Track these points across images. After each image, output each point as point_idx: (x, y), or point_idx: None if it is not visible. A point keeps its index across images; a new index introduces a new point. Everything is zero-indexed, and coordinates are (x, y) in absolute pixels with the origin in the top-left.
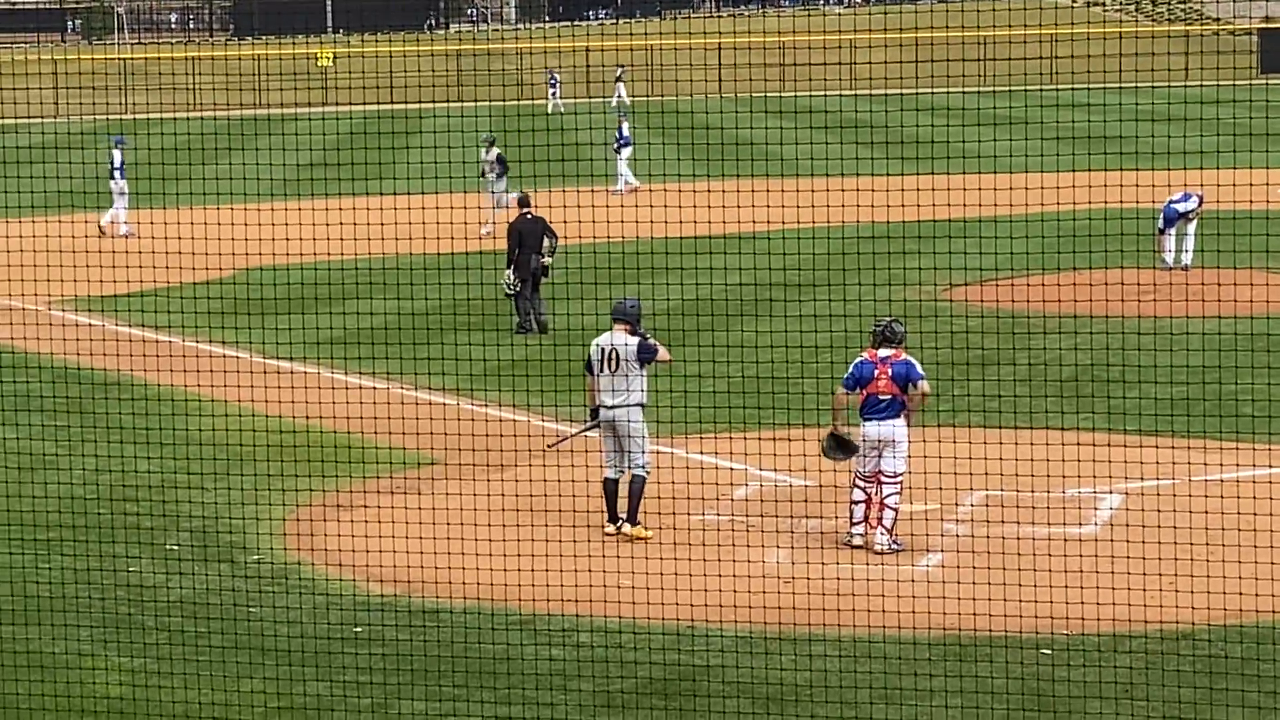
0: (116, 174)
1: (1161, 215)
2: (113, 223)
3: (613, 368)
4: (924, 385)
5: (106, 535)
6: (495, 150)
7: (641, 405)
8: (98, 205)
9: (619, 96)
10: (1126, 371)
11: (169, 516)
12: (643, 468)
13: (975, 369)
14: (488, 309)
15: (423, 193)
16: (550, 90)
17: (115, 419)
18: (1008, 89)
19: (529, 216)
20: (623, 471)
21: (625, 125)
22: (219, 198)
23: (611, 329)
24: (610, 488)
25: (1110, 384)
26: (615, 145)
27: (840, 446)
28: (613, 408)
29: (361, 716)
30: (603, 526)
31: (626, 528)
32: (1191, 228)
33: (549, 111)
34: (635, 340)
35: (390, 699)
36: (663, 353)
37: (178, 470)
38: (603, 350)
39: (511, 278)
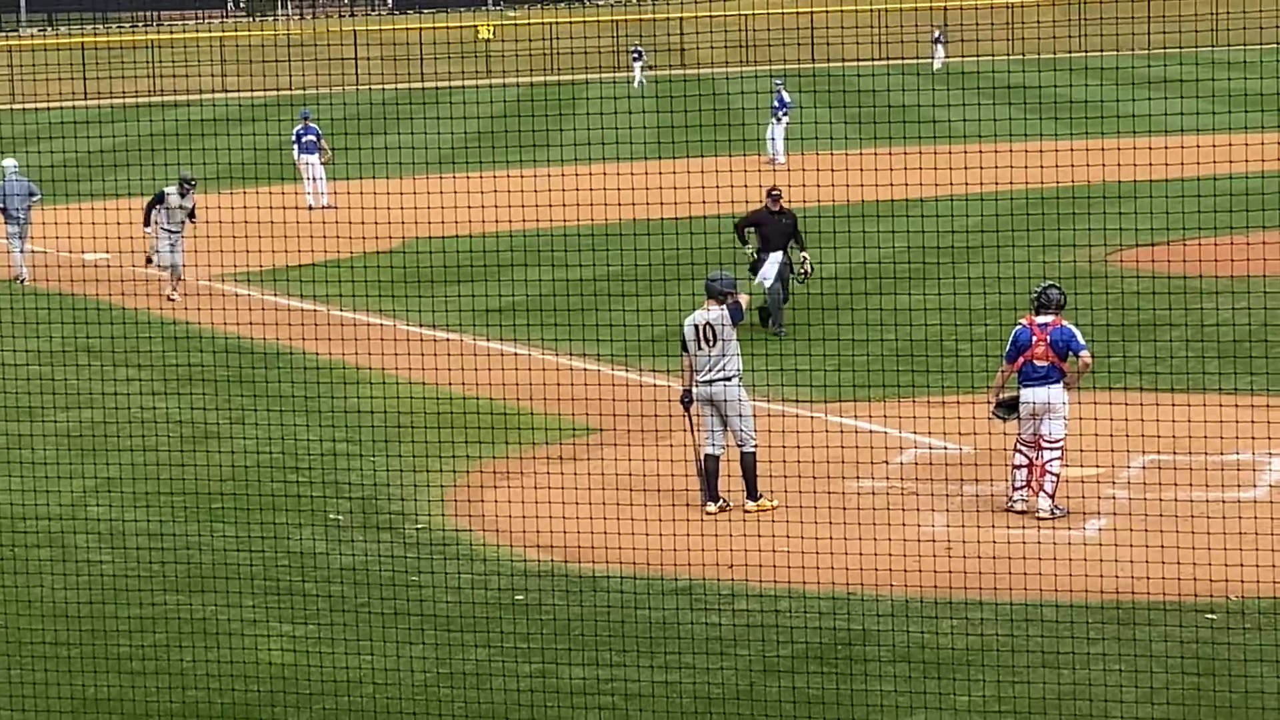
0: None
1: None
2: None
3: (710, 343)
4: (1085, 356)
5: (270, 505)
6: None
7: (740, 378)
8: (269, 179)
9: (939, 58)
10: None
11: (332, 486)
12: (750, 442)
13: (1140, 332)
14: (652, 275)
15: (590, 160)
16: (635, 64)
17: (279, 390)
18: (1178, 49)
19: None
20: (724, 448)
21: (785, 92)
22: (386, 168)
23: (705, 306)
24: (712, 465)
25: (1277, 345)
26: (775, 113)
27: (1009, 408)
28: (713, 383)
29: (523, 683)
30: (703, 506)
31: (750, 505)
32: None
33: (634, 87)
34: (724, 310)
35: (551, 666)
36: (743, 298)
37: (341, 440)
38: (697, 328)
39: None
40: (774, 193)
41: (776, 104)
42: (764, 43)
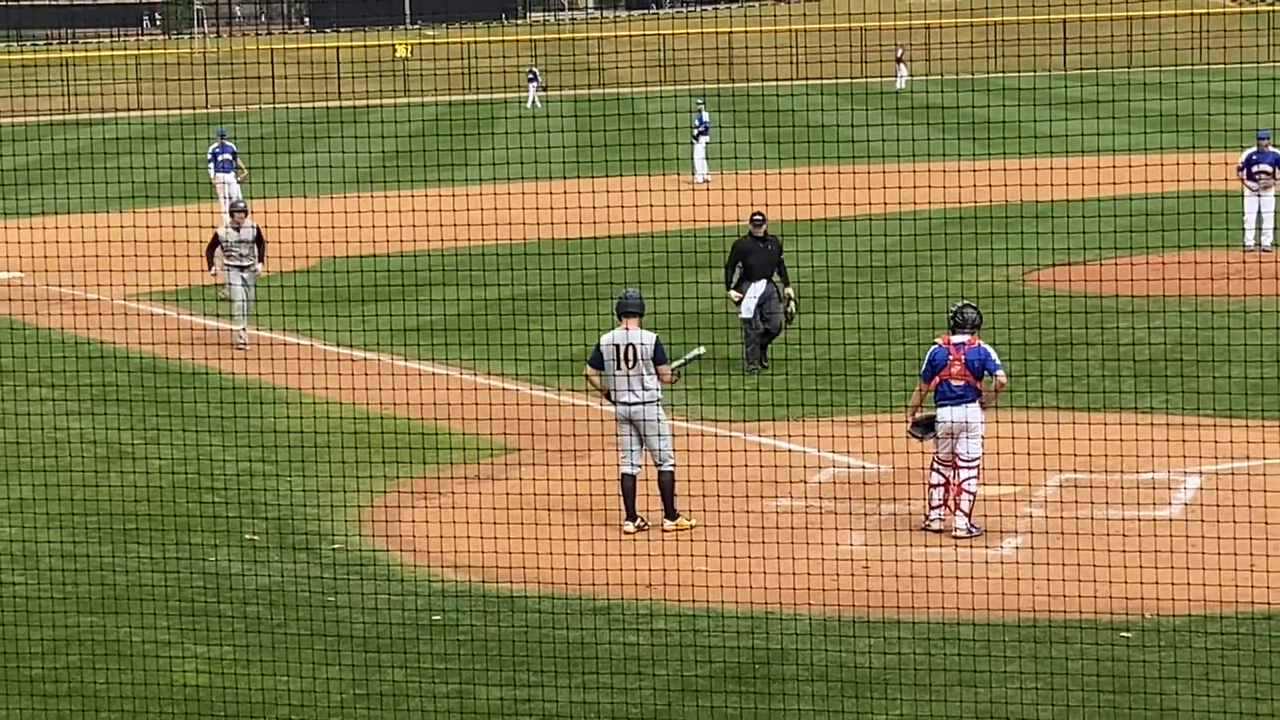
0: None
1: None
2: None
3: (630, 364)
4: (1000, 376)
5: (186, 525)
6: (253, 227)
7: (659, 398)
8: (184, 197)
9: (901, 77)
10: (1207, 353)
11: (248, 506)
12: (668, 462)
13: (1055, 351)
14: (571, 294)
15: (508, 179)
16: (530, 85)
17: (195, 410)
18: (1094, 70)
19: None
20: (641, 467)
21: (705, 112)
22: (303, 187)
23: (622, 325)
24: (628, 484)
25: (1193, 365)
26: (694, 132)
27: (926, 427)
28: (632, 404)
29: (440, 703)
30: (620, 525)
31: (668, 524)
32: (1271, 205)
33: (527, 108)
34: (652, 337)
35: (469, 686)
36: (667, 373)
37: (257, 460)
38: (618, 347)
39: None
40: (756, 217)
41: (697, 123)
42: (683, 62)
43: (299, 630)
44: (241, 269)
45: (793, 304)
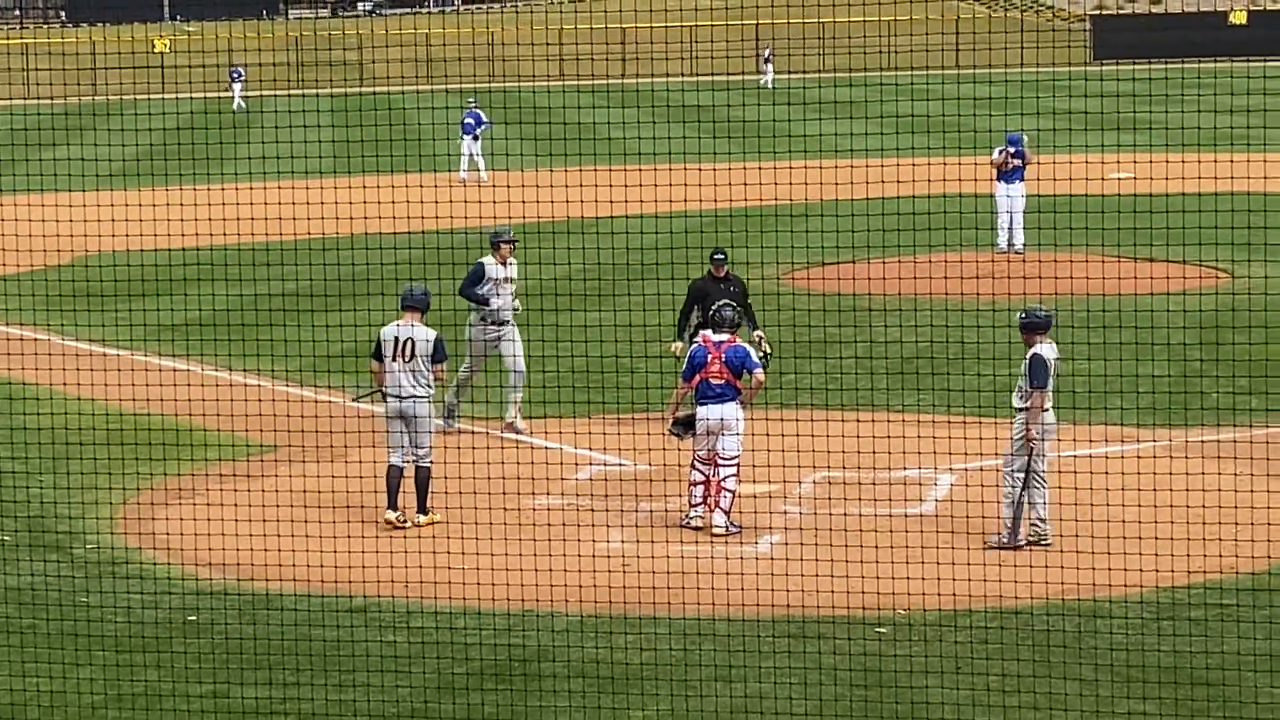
0: None
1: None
2: None
3: (406, 358)
4: (759, 374)
5: None
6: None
7: (430, 395)
8: None
9: (768, 74)
10: (958, 351)
11: None
12: (427, 458)
13: (812, 350)
14: (329, 291)
15: (264, 175)
16: (233, 85)
17: None
18: (847, 73)
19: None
20: (408, 462)
21: (479, 110)
22: (55, 181)
23: (406, 319)
24: (394, 475)
25: (944, 363)
26: (480, 130)
27: (686, 425)
28: (404, 399)
29: (195, 704)
30: (380, 511)
31: (420, 519)
32: (1021, 205)
33: (233, 109)
34: (433, 335)
35: (224, 686)
36: (442, 372)
37: (6, 459)
38: (398, 341)
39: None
40: (717, 256)
41: (471, 121)
42: (440, 58)
43: (50, 631)
44: (500, 325)
45: (765, 344)
